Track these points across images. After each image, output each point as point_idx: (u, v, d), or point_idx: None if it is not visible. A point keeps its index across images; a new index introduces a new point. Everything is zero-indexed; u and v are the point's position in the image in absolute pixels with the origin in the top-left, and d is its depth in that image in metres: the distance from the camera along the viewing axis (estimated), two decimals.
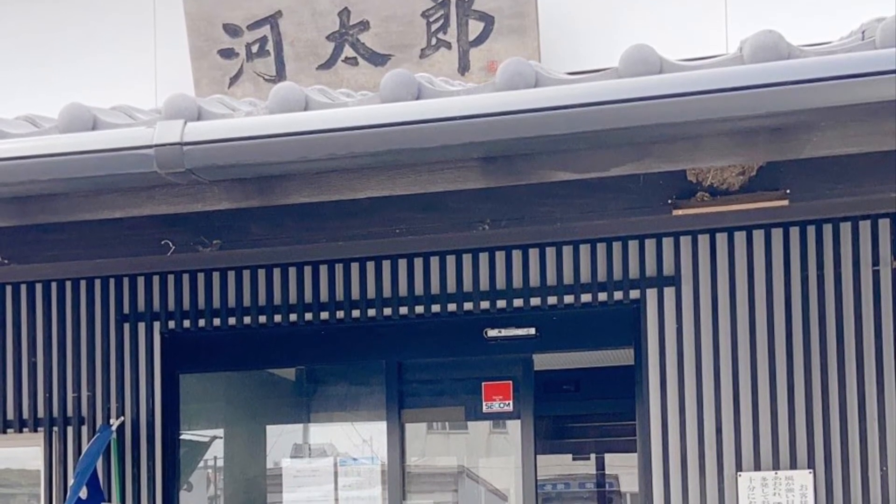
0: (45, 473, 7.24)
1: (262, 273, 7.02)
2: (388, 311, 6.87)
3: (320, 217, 4.62)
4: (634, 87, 3.60)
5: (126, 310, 7.19)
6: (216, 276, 7.08)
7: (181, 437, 7.36)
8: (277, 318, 7.00)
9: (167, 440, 7.16)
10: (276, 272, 7.01)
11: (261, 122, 3.91)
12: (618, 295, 6.60)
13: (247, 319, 7.03)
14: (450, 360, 7.21)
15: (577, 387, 10.25)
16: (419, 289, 6.85)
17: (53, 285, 7.26)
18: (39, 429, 7.25)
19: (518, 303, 6.73)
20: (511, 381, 7.02)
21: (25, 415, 7.28)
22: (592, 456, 13.42)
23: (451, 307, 6.81)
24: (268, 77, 6.83)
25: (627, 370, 6.83)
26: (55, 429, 7.22)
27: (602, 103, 3.60)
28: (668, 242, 6.54)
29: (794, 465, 6.30)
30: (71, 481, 6.77)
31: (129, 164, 3.96)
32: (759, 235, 6.41)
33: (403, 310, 6.86)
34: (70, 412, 7.21)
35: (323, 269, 6.95)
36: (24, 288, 7.30)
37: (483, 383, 7.06)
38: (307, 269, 6.97)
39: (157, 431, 7.13)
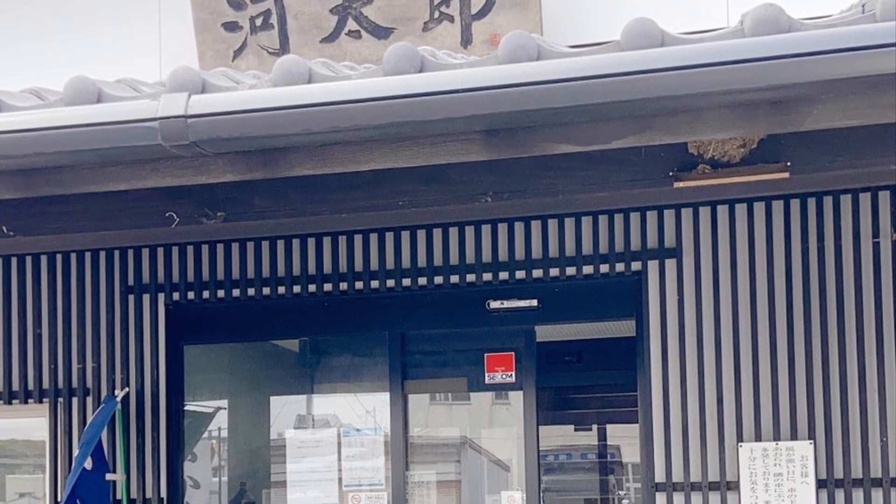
0: (50, 444, 7.28)
1: (265, 245, 7.05)
2: (391, 283, 6.90)
3: (324, 189, 4.64)
4: (636, 60, 3.62)
5: (131, 281, 7.22)
6: (220, 248, 7.11)
7: (185, 408, 7.39)
8: (281, 289, 7.03)
9: (171, 411, 7.20)
10: (280, 244, 7.03)
11: (265, 94, 3.93)
12: (619, 267, 6.63)
13: (251, 291, 7.06)
14: (452, 332, 7.24)
15: (579, 358, 10.28)
16: (422, 260, 6.87)
17: (58, 257, 7.29)
18: (45, 400, 7.29)
19: (520, 275, 6.75)
20: (513, 353, 7.05)
21: (31, 386, 7.31)
22: (594, 427, 13.48)
23: (454, 279, 6.83)
24: (271, 50, 6.83)
25: (629, 341, 6.86)
26: (60, 400, 7.26)
27: (604, 76, 3.62)
28: (669, 214, 6.56)
29: (794, 436, 6.34)
30: (76, 452, 6.81)
31: (134, 137, 3.98)
32: (759, 208, 6.43)
33: (406, 281, 6.89)
34: (75, 383, 7.25)
35: (326, 241, 6.97)
36: (29, 260, 7.33)
37: (485, 354, 7.09)
38: (311, 241, 6.99)
39: (161, 402, 7.17)
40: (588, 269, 6.67)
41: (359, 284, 6.94)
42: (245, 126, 3.90)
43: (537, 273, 6.73)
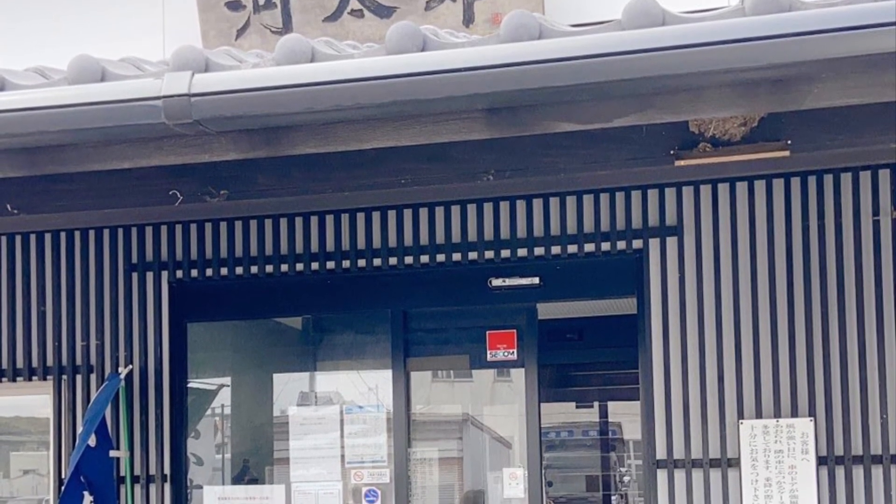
0: (54, 421, 7.30)
1: (268, 223, 7.07)
2: (393, 261, 6.92)
3: (326, 168, 4.66)
4: (637, 39, 3.63)
5: (134, 259, 7.24)
6: (223, 225, 7.13)
7: (189, 385, 7.42)
8: (284, 267, 7.05)
9: (175, 388, 7.22)
10: (283, 222, 7.05)
11: (267, 73, 3.95)
12: (621, 244, 6.64)
13: (254, 269, 7.08)
14: (454, 310, 7.26)
15: (580, 335, 10.29)
16: (424, 238, 6.89)
17: (62, 235, 7.31)
18: (49, 377, 7.31)
19: (522, 252, 6.77)
20: (515, 330, 7.07)
21: (35, 363, 7.34)
22: (596, 404, 13.52)
23: (456, 257, 6.85)
24: (274, 29, 6.84)
25: (630, 319, 6.88)
26: (64, 377, 7.29)
27: (605, 55, 3.64)
28: (670, 193, 6.58)
29: (795, 413, 6.36)
30: (80, 429, 6.84)
31: (138, 116, 4.00)
32: (760, 186, 6.44)
33: (409, 259, 6.91)
34: (79, 360, 7.27)
35: (329, 220, 6.99)
36: (33, 238, 7.34)
37: (487, 332, 7.12)
38: (313, 220, 7.01)
39: (164, 380, 7.19)
40: (589, 247, 6.69)
41: (361, 262, 6.96)
42: (248, 105, 3.92)
43: (539, 251, 6.75)
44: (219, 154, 4.39)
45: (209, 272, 7.16)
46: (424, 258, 6.89)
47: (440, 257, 6.87)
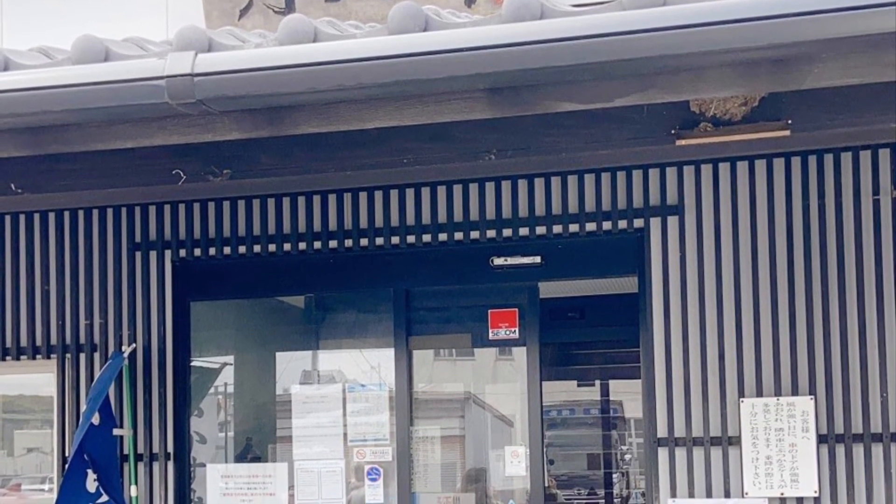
0: (57, 400, 7.32)
1: (271, 202, 7.08)
2: (395, 240, 6.93)
3: (329, 147, 4.68)
4: (638, 18, 3.64)
5: (138, 238, 7.25)
6: (226, 205, 7.13)
7: (192, 363, 7.45)
8: (287, 246, 7.06)
9: (178, 367, 7.25)
10: (286, 201, 7.06)
11: (270, 53, 3.96)
12: (622, 224, 6.65)
13: (256, 248, 7.10)
14: (457, 288, 7.28)
15: (581, 314, 10.30)
16: (426, 218, 6.90)
17: (66, 214, 7.32)
18: (52, 356, 7.33)
19: (524, 231, 6.78)
20: (517, 309, 7.09)
21: (39, 342, 7.35)
22: (597, 382, 13.53)
23: (458, 236, 6.86)
24: (277, 9, 6.86)
25: (632, 298, 6.90)
26: (68, 356, 7.30)
27: (606, 35, 3.65)
28: (671, 172, 6.58)
29: (795, 392, 6.38)
30: (83, 407, 6.86)
31: (141, 95, 4.02)
32: (761, 165, 6.45)
33: (411, 238, 6.92)
34: (83, 339, 7.29)
35: (331, 199, 7.00)
36: (37, 217, 7.36)
37: (489, 311, 7.13)
38: (316, 199, 7.02)
39: (168, 358, 7.21)
40: (591, 226, 6.70)
41: (364, 241, 6.97)
42: (251, 84, 3.93)
43: (540, 230, 6.76)
44: (222, 134, 4.41)
45: (212, 251, 7.17)
46: (426, 237, 6.90)
47: (442, 236, 6.88)
